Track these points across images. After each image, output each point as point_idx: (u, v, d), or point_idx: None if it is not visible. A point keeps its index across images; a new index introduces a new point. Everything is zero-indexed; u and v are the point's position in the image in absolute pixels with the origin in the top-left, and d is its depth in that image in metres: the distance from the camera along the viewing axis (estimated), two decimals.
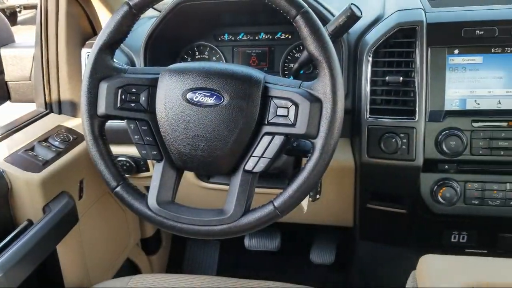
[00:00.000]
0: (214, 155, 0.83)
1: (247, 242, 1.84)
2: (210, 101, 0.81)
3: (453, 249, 1.20)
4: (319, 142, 0.79)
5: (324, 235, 1.84)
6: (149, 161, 1.28)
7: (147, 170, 1.29)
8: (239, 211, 0.83)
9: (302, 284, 1.02)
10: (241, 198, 0.83)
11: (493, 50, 1.00)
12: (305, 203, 1.07)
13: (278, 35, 1.23)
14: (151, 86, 0.86)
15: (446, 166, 1.06)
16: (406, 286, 0.79)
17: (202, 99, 0.82)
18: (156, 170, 0.88)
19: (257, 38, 1.25)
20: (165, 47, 1.23)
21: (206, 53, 1.28)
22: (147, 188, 0.99)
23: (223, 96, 0.81)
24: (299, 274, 1.79)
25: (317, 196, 1.18)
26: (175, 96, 0.83)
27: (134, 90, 0.86)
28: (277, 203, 0.82)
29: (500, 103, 1.01)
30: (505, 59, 1.00)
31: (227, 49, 1.26)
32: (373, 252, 1.51)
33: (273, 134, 0.81)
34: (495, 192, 1.04)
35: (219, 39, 1.26)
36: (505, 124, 0.99)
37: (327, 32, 1.00)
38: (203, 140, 0.83)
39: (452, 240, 1.19)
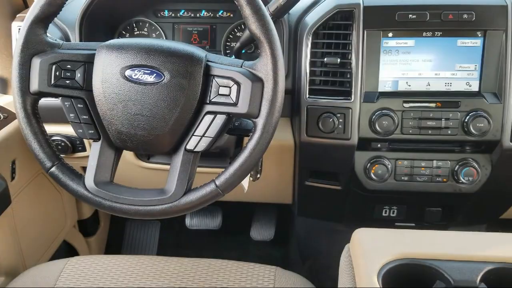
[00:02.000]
0: (155, 134, 0.82)
1: (188, 221, 1.85)
2: (150, 78, 0.80)
3: (384, 222, 1.27)
4: (260, 122, 0.80)
5: (264, 212, 1.88)
6: (85, 141, 1.23)
7: (84, 150, 1.25)
8: (180, 190, 0.83)
9: (242, 260, 1.05)
10: (183, 177, 0.83)
11: (424, 34, 1.05)
12: (246, 182, 1.09)
13: (219, 13, 1.22)
14: (87, 62, 0.83)
15: (379, 145, 1.11)
16: (341, 258, 0.83)
17: (141, 77, 0.80)
18: (93, 149, 0.86)
19: (198, 15, 1.23)
20: (102, 22, 1.18)
21: (145, 29, 1.24)
22: (84, 168, 0.96)
23: (163, 74, 0.80)
24: (240, 251, 1.83)
25: (258, 176, 1.20)
26: (113, 73, 0.81)
27: (69, 66, 0.83)
28: (219, 182, 0.83)
29: (429, 84, 1.07)
30: (435, 42, 1.05)
31: (167, 25, 1.24)
32: (310, 227, 1.57)
33: (215, 113, 0.81)
34: (423, 169, 1.11)
35: (159, 15, 1.23)
36: (433, 105, 1.05)
37: (268, 12, 1.00)
38: (143, 119, 0.81)
39: (383, 214, 1.26)
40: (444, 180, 1.10)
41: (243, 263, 1.04)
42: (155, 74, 0.80)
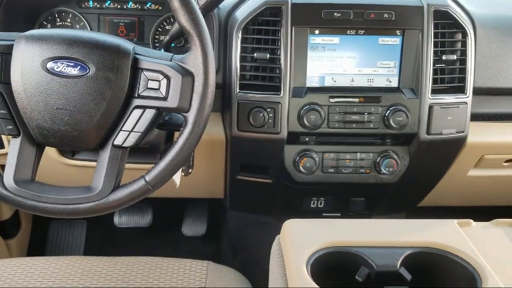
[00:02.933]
0: (79, 130, 0.79)
1: (117, 219, 1.79)
2: (74, 71, 0.76)
3: (312, 213, 1.31)
4: (191, 116, 0.79)
5: (195, 208, 1.87)
6: (4, 137, 1.16)
7: (2, 146, 1.17)
8: (108, 187, 0.81)
9: (172, 257, 1.04)
10: (110, 174, 0.81)
11: (348, 31, 1.10)
12: (177, 177, 1.08)
13: (147, 5, 1.19)
14: (5, 53, 0.78)
15: (307, 138, 1.14)
16: (272, 249, 0.85)
17: (64, 69, 0.76)
18: (12, 146, 0.81)
19: (125, 7, 1.19)
20: (21, 12, 1.11)
21: (69, 20, 1.18)
22: (3, 166, 0.90)
23: (88, 67, 0.77)
24: (172, 248, 1.81)
25: (190, 170, 1.19)
26: (33, 66, 0.76)
27: None
28: (148, 177, 0.81)
29: (353, 80, 1.12)
30: (358, 40, 1.10)
31: (92, 17, 1.19)
32: (242, 221, 1.58)
33: (144, 107, 0.79)
34: (348, 161, 1.16)
35: (83, 5, 1.18)
36: (357, 100, 1.10)
37: (198, 6, 0.99)
38: (67, 114, 0.78)
39: (312, 205, 1.30)
40: (367, 171, 1.16)
41: (174, 260, 1.02)
42: (79, 67, 0.77)
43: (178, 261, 1.02)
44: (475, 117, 1.17)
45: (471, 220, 0.86)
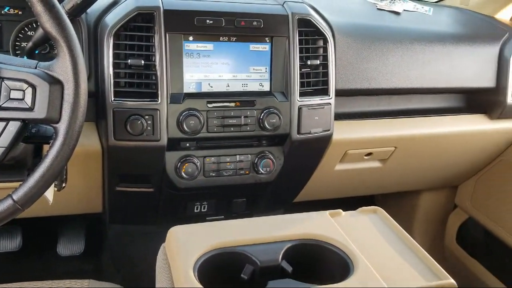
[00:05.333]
0: None
1: None
2: None
3: (196, 218, 1.32)
4: (62, 127, 0.75)
5: (71, 225, 1.76)
6: None
7: None
8: None
9: (47, 280, 0.96)
10: None
11: (221, 38, 1.13)
12: (50, 193, 1.00)
13: (5, 10, 1.09)
14: None
15: (187, 144, 1.15)
16: (157, 259, 0.84)
17: None
18: None
19: None
20: None
21: None
22: None
23: None
24: (47, 271, 1.67)
25: (63, 185, 1.12)
26: None
27: None
28: (16, 196, 0.75)
29: (229, 85, 1.15)
30: (231, 47, 1.14)
31: None
32: (124, 234, 1.53)
33: (6, 119, 0.73)
34: (228, 164, 1.19)
35: None
36: (233, 104, 1.14)
37: (64, 10, 0.94)
38: None
39: (195, 210, 1.31)
40: (247, 172, 1.20)
41: (51, 282, 0.95)
42: None
43: (55, 282, 0.95)
44: (339, 116, 1.29)
45: (341, 210, 0.95)
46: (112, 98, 1.05)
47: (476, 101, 1.45)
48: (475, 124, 1.43)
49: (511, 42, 1.37)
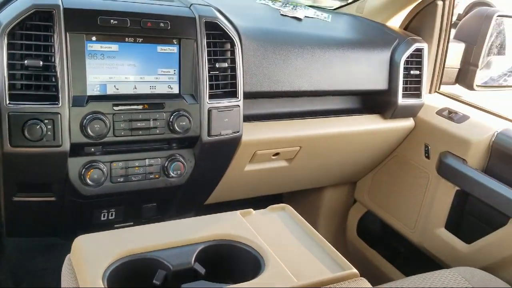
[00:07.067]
0: None
1: None
2: None
3: (104, 226, 1.27)
4: None
5: None
6: None
7: None
8: None
9: None
10: None
11: (127, 39, 1.10)
12: None
13: None
14: None
15: (92, 149, 1.10)
16: (62, 271, 0.80)
17: None
18: None
19: None
20: None
21: None
22: None
23: None
24: None
25: None
26: None
27: None
28: None
29: (136, 88, 1.13)
30: (137, 48, 1.11)
31: None
32: (24, 247, 1.43)
33: None
34: (137, 168, 1.16)
35: None
36: (141, 107, 1.12)
37: None
38: None
39: (102, 218, 1.26)
40: (157, 176, 1.19)
41: None
42: None
43: None
44: (247, 118, 1.32)
45: (251, 209, 0.97)
46: (7, 102, 0.98)
47: (372, 102, 1.57)
48: (371, 124, 1.54)
49: (400, 48, 1.50)
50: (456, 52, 1.67)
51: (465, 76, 1.67)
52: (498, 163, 1.40)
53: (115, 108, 1.08)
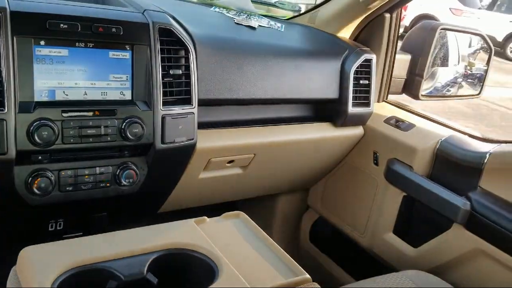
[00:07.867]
0: None
1: None
2: None
3: (52, 237, 1.22)
4: None
5: None
6: None
7: None
8: None
9: None
10: None
11: (77, 44, 1.07)
12: None
13: None
14: None
15: (40, 157, 1.06)
16: (7, 284, 0.76)
17: None
18: None
19: None
20: None
21: None
22: None
23: None
24: None
25: None
26: None
27: None
28: None
29: (86, 94, 1.10)
30: (88, 53, 1.08)
31: None
32: None
33: None
34: (87, 176, 1.13)
35: None
36: (91, 113, 1.09)
37: None
38: None
39: (50, 229, 1.22)
40: (108, 184, 1.16)
41: None
42: None
43: None
44: (202, 125, 1.31)
45: (206, 217, 0.97)
46: None
47: (324, 110, 1.60)
48: (322, 132, 1.58)
49: (350, 58, 1.55)
50: (402, 62, 1.74)
51: (411, 86, 1.74)
52: (442, 169, 1.47)
53: (64, 114, 1.05)
